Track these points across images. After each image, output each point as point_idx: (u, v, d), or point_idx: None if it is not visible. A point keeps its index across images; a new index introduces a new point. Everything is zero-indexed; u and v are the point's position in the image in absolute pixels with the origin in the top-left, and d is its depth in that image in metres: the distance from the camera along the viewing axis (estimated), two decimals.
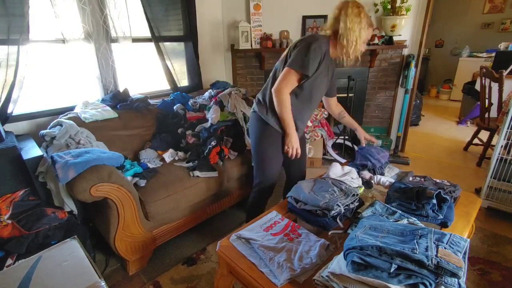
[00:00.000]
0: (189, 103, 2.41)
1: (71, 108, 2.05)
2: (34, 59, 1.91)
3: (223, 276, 1.22)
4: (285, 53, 1.55)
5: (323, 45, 1.43)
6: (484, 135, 3.09)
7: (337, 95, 3.21)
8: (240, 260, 1.11)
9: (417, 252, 0.83)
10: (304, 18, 2.93)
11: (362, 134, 1.81)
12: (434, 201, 1.23)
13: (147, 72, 2.58)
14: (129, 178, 1.71)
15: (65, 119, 1.84)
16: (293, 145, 1.54)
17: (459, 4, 5.60)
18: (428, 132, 4.05)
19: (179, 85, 2.67)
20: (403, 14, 2.69)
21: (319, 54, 1.41)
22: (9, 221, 1.35)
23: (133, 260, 1.67)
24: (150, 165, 1.93)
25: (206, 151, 1.99)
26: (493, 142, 2.64)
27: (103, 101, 2.16)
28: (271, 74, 1.60)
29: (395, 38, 2.88)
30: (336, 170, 1.62)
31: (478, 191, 2.35)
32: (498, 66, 3.48)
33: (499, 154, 2.03)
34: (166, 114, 2.35)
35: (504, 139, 2.00)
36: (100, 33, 2.10)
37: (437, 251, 0.85)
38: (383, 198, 1.43)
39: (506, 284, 1.57)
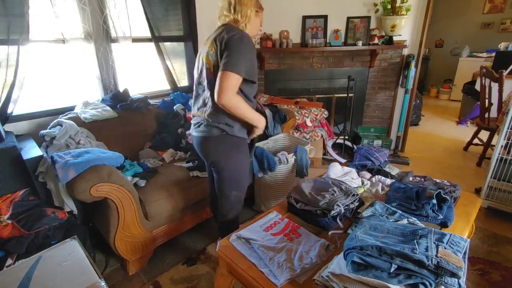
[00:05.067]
0: (189, 103, 2.41)
1: (71, 108, 2.05)
2: (34, 59, 1.91)
3: (223, 276, 1.22)
4: (209, 66, 1.34)
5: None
6: (484, 135, 3.09)
7: (337, 95, 3.25)
8: (240, 260, 1.11)
9: (417, 252, 0.83)
10: (304, 18, 2.93)
11: None
12: (434, 201, 1.23)
13: (147, 72, 2.58)
14: (129, 178, 1.71)
15: (65, 119, 1.84)
16: (263, 125, 1.42)
17: (459, 4, 5.60)
18: (428, 132, 4.05)
19: (179, 85, 2.67)
20: (403, 14, 2.69)
21: None
22: (9, 221, 1.35)
23: (133, 260, 1.67)
24: (150, 165, 1.93)
25: None
26: (493, 142, 2.64)
27: (103, 101, 2.16)
28: None
29: (395, 38, 2.88)
30: (336, 170, 1.62)
31: (478, 191, 2.35)
32: (498, 66, 3.48)
33: (499, 154, 2.03)
34: (166, 114, 2.35)
35: (504, 139, 2.00)
36: (100, 33, 2.10)
37: (437, 251, 0.85)
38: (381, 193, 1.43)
39: (506, 284, 1.57)
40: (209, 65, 1.31)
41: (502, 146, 2.02)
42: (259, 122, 1.37)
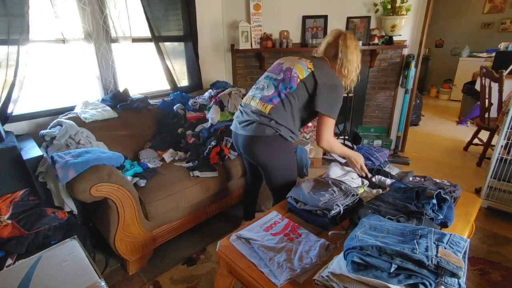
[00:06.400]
0: (189, 103, 2.41)
1: (71, 108, 2.05)
2: (34, 59, 1.91)
3: (223, 276, 1.22)
4: (299, 77, 1.48)
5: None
6: (484, 135, 3.09)
7: None
8: (240, 260, 1.11)
9: (417, 252, 0.83)
10: (304, 18, 2.93)
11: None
12: (434, 201, 1.23)
13: (147, 72, 2.58)
14: (129, 178, 1.71)
15: (65, 119, 1.84)
16: (361, 164, 1.61)
17: (459, 4, 5.60)
18: (428, 132, 4.05)
19: (179, 85, 2.67)
20: (403, 14, 2.69)
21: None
22: (9, 221, 1.35)
23: (133, 260, 1.67)
24: (150, 165, 1.93)
25: (206, 151, 1.99)
26: (493, 142, 2.64)
27: (103, 101, 2.16)
28: (288, 97, 1.45)
29: (395, 38, 2.87)
30: (336, 170, 1.62)
31: (478, 191, 2.35)
32: (498, 66, 3.47)
33: (499, 154, 2.03)
34: (166, 114, 2.35)
35: (504, 139, 2.00)
36: (100, 33, 2.10)
37: (437, 251, 0.85)
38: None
39: (506, 284, 1.57)
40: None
41: (502, 146, 2.02)
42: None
